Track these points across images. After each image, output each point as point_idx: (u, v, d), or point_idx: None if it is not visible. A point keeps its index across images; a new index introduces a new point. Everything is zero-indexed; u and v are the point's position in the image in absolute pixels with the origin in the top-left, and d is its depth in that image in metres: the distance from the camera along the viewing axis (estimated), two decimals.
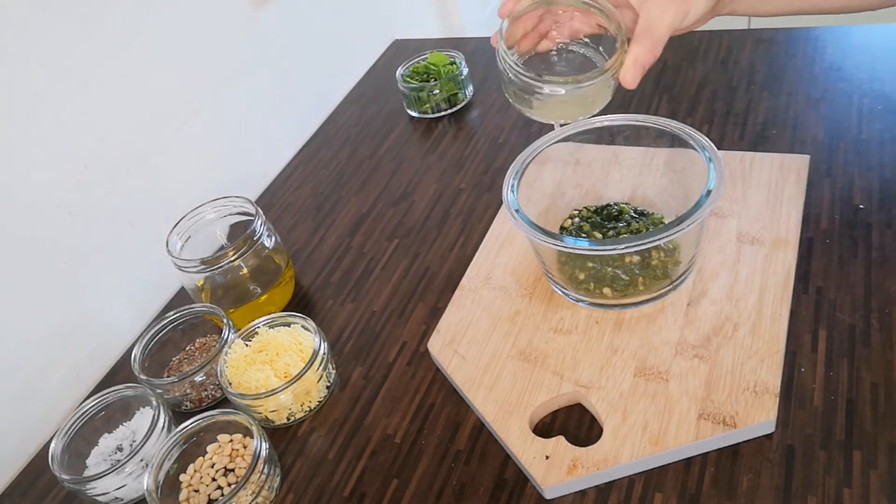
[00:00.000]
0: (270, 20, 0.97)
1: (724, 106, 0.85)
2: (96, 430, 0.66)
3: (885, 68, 0.83)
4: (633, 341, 0.61)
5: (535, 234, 0.58)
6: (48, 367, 0.73)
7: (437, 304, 0.72)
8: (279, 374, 0.65)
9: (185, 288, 0.76)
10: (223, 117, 0.92)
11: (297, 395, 0.63)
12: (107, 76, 0.75)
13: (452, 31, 1.48)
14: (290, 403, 0.63)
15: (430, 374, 0.66)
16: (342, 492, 0.59)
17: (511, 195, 0.63)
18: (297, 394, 0.63)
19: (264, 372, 0.64)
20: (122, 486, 0.61)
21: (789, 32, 0.94)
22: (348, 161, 0.98)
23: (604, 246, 0.57)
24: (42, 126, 0.70)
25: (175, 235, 0.75)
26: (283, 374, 0.65)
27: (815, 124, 0.79)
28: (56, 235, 0.72)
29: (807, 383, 0.56)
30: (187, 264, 0.71)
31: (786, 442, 0.53)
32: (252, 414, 0.64)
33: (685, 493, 0.52)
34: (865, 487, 0.49)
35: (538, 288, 0.68)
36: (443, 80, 0.98)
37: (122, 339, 0.80)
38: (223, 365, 0.66)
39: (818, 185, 0.71)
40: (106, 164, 0.76)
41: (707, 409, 0.54)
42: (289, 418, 0.65)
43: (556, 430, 0.58)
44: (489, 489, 0.56)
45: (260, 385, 0.63)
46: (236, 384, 0.65)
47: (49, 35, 0.69)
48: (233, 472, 0.61)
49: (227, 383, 0.64)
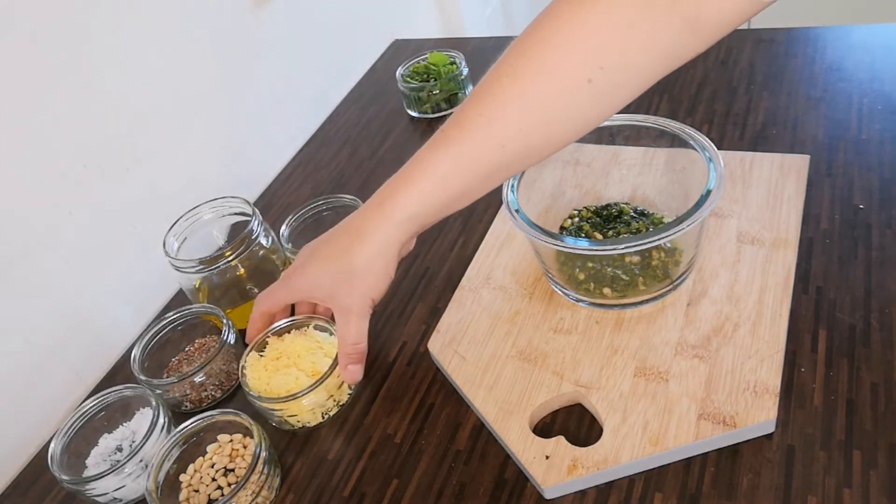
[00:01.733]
0: (270, 20, 0.97)
1: (724, 106, 0.85)
2: (96, 430, 0.66)
3: (885, 68, 0.83)
4: (633, 341, 0.61)
5: (535, 234, 0.58)
6: (48, 367, 0.73)
7: (437, 304, 0.72)
8: (308, 374, 0.64)
9: (183, 289, 0.76)
10: (223, 117, 0.92)
11: (330, 390, 0.63)
12: (107, 76, 0.75)
13: (452, 31, 1.48)
14: (326, 399, 0.63)
15: (430, 374, 0.66)
16: (342, 492, 0.59)
17: (511, 195, 0.63)
18: (330, 388, 0.63)
19: (292, 374, 0.63)
20: (121, 486, 0.61)
21: (789, 32, 0.94)
22: (348, 161, 0.98)
23: (604, 246, 0.57)
24: (42, 126, 0.70)
25: (172, 236, 0.75)
26: (310, 373, 0.64)
27: (815, 124, 0.79)
28: (56, 235, 0.72)
29: (807, 383, 0.56)
30: (185, 265, 0.71)
31: (786, 442, 0.53)
32: (286, 420, 0.63)
33: (685, 493, 0.52)
34: (865, 487, 0.49)
35: (538, 288, 0.68)
36: (443, 80, 0.98)
37: (122, 339, 0.80)
38: (244, 378, 0.64)
39: (818, 185, 0.71)
40: (106, 164, 0.76)
41: (707, 409, 0.54)
42: (324, 416, 0.64)
43: (556, 430, 0.58)
44: (489, 489, 0.56)
45: (292, 387, 0.62)
46: (266, 392, 0.63)
47: (49, 35, 0.69)
48: (233, 472, 0.61)
49: (257, 395, 0.62)
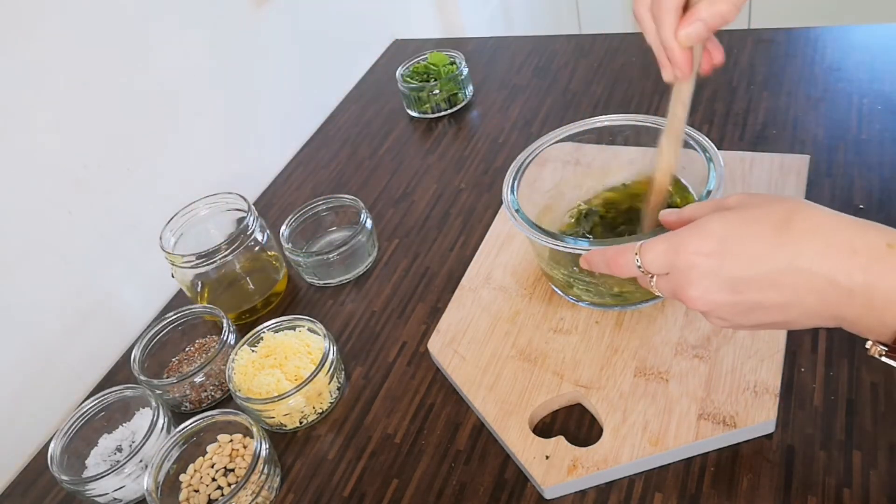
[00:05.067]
0: (270, 20, 0.97)
1: (724, 106, 0.85)
2: (96, 430, 0.66)
3: (885, 68, 0.83)
4: (633, 341, 0.61)
5: (534, 234, 0.58)
6: (48, 367, 0.73)
7: (437, 304, 0.72)
8: (290, 378, 0.64)
9: (179, 283, 0.76)
10: (223, 117, 0.92)
11: (310, 398, 0.63)
12: (107, 76, 0.75)
13: (452, 31, 1.48)
14: (303, 406, 0.63)
15: (430, 374, 0.66)
16: (342, 492, 0.59)
17: (511, 195, 0.63)
18: (310, 396, 0.63)
19: (274, 376, 0.64)
20: (121, 486, 0.61)
21: (789, 32, 0.94)
22: (348, 161, 0.98)
23: (603, 246, 0.57)
24: (42, 126, 0.70)
25: (168, 231, 0.75)
26: (293, 377, 0.64)
27: (815, 124, 0.79)
28: (56, 235, 0.72)
29: (807, 383, 0.56)
30: (181, 260, 0.71)
31: (786, 442, 0.53)
32: (265, 419, 0.63)
33: (685, 493, 0.52)
34: (865, 487, 0.49)
35: (538, 288, 0.68)
36: (443, 80, 0.98)
37: (122, 339, 0.80)
38: (231, 372, 0.65)
39: (818, 185, 0.71)
40: (106, 164, 0.76)
41: (707, 409, 0.54)
42: (301, 421, 0.64)
43: (556, 430, 0.58)
44: (489, 489, 0.56)
45: (271, 389, 0.63)
46: (245, 390, 0.64)
47: (49, 35, 0.69)
48: (233, 472, 0.61)
49: (237, 390, 0.63)
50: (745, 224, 0.42)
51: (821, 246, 0.39)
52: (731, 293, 0.42)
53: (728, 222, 0.42)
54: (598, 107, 0.92)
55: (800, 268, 0.39)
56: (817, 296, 0.39)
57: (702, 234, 0.43)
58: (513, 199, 0.62)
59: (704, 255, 0.42)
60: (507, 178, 0.64)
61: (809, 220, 0.40)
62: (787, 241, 0.40)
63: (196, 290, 0.75)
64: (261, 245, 0.75)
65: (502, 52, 1.11)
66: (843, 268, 0.38)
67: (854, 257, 0.38)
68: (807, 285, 0.39)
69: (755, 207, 0.42)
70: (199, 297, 0.76)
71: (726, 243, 0.42)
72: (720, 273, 0.42)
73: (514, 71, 1.05)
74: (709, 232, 0.42)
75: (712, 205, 0.46)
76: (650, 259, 0.45)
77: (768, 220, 0.41)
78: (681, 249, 0.43)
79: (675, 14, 0.47)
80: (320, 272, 0.77)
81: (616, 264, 0.48)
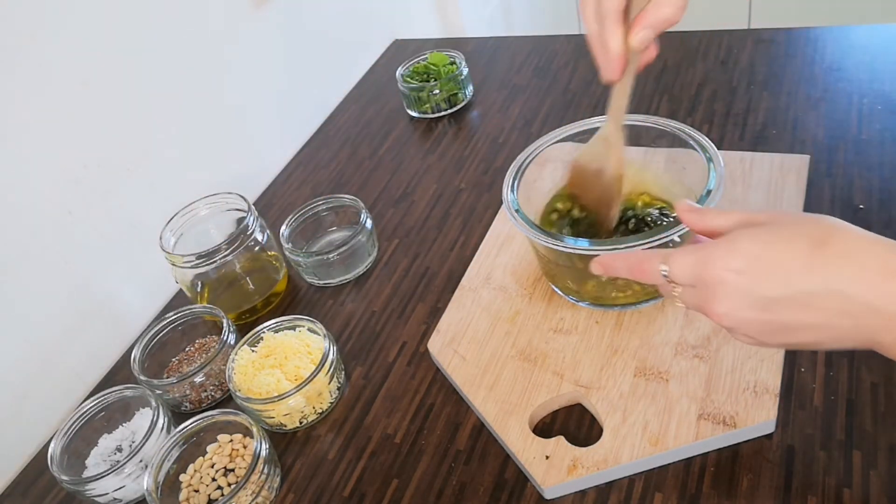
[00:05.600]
0: (270, 20, 0.97)
1: (724, 106, 0.85)
2: (96, 430, 0.66)
3: (885, 68, 0.83)
4: (633, 341, 0.61)
5: (535, 234, 0.58)
6: (48, 367, 0.73)
7: (437, 304, 0.72)
8: (290, 378, 0.64)
9: (178, 283, 0.76)
10: (223, 117, 0.92)
11: (310, 398, 0.63)
12: (107, 76, 0.75)
13: (452, 31, 1.48)
14: (303, 406, 0.63)
15: (430, 374, 0.66)
16: (342, 492, 0.59)
17: (511, 195, 0.63)
18: (310, 396, 0.63)
19: (274, 376, 0.64)
20: (121, 486, 0.61)
21: (789, 32, 0.94)
22: (348, 161, 0.98)
23: (603, 247, 0.57)
24: (42, 126, 0.70)
25: (168, 231, 0.75)
26: (293, 377, 0.64)
27: (815, 124, 0.79)
28: (56, 235, 0.72)
29: (807, 383, 0.56)
30: (181, 260, 0.71)
31: (786, 442, 0.53)
32: (265, 419, 0.63)
33: (685, 493, 0.52)
34: (865, 487, 0.49)
35: (538, 288, 0.68)
36: (443, 80, 0.98)
37: (122, 339, 0.80)
38: (231, 372, 0.65)
39: (818, 185, 0.71)
40: (106, 164, 0.76)
41: (707, 409, 0.54)
42: (301, 421, 0.64)
43: (556, 430, 0.58)
44: (489, 489, 0.56)
45: (271, 389, 0.63)
46: (245, 390, 0.64)
47: (49, 35, 0.69)
48: (233, 472, 0.61)
49: (237, 390, 0.63)
50: (778, 242, 0.41)
51: (857, 269, 0.38)
52: (760, 312, 0.41)
53: (760, 239, 0.42)
54: (598, 107, 0.92)
55: (835, 290, 0.39)
56: (852, 320, 0.39)
57: (732, 249, 0.42)
58: (513, 199, 0.62)
59: (734, 272, 0.41)
60: (507, 178, 0.64)
61: (845, 242, 0.39)
62: (822, 263, 0.39)
63: (196, 290, 0.75)
64: (261, 245, 0.75)
65: (502, 52, 1.11)
66: (880, 292, 0.38)
67: (892, 280, 0.38)
68: (841, 308, 0.39)
69: (787, 226, 0.42)
70: (199, 297, 0.76)
71: (759, 262, 0.41)
72: (751, 291, 0.41)
73: (514, 71, 1.05)
74: (739, 248, 0.42)
75: (741, 218, 0.45)
76: (678, 270, 0.45)
77: (803, 240, 0.40)
78: (709, 264, 0.42)
79: (615, 17, 0.49)
80: (320, 272, 0.77)
81: (640, 270, 0.48)
